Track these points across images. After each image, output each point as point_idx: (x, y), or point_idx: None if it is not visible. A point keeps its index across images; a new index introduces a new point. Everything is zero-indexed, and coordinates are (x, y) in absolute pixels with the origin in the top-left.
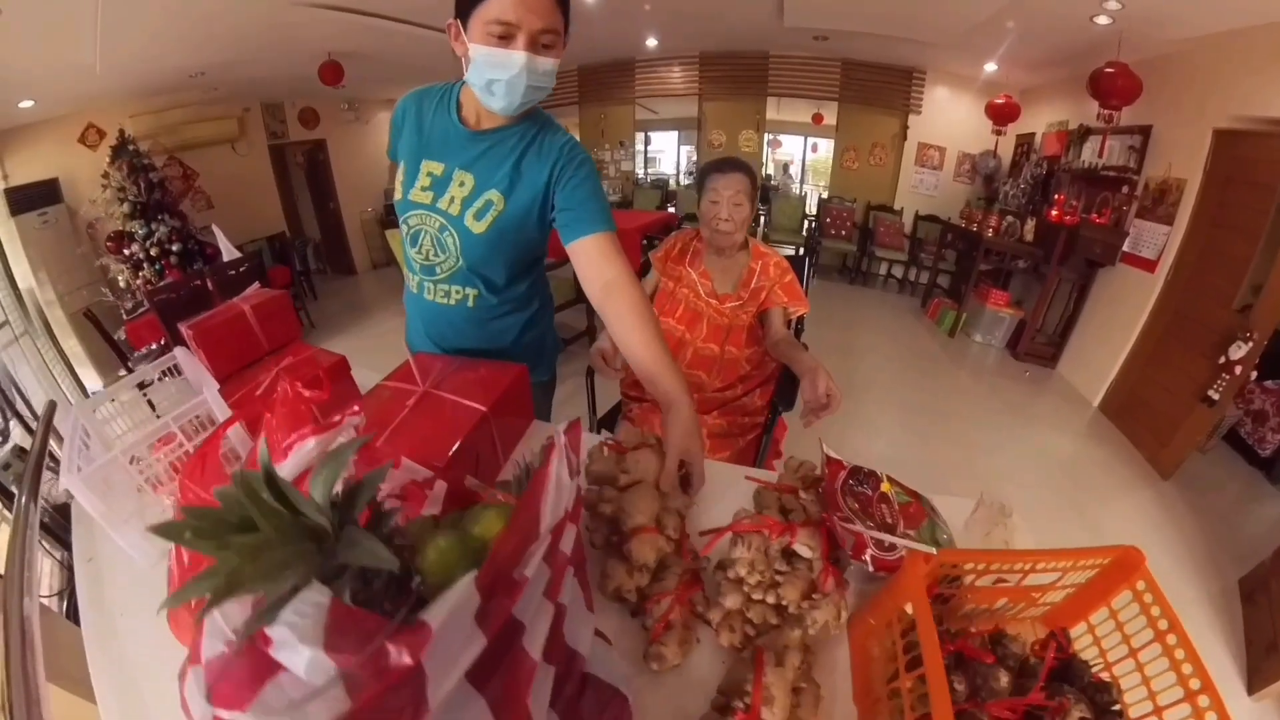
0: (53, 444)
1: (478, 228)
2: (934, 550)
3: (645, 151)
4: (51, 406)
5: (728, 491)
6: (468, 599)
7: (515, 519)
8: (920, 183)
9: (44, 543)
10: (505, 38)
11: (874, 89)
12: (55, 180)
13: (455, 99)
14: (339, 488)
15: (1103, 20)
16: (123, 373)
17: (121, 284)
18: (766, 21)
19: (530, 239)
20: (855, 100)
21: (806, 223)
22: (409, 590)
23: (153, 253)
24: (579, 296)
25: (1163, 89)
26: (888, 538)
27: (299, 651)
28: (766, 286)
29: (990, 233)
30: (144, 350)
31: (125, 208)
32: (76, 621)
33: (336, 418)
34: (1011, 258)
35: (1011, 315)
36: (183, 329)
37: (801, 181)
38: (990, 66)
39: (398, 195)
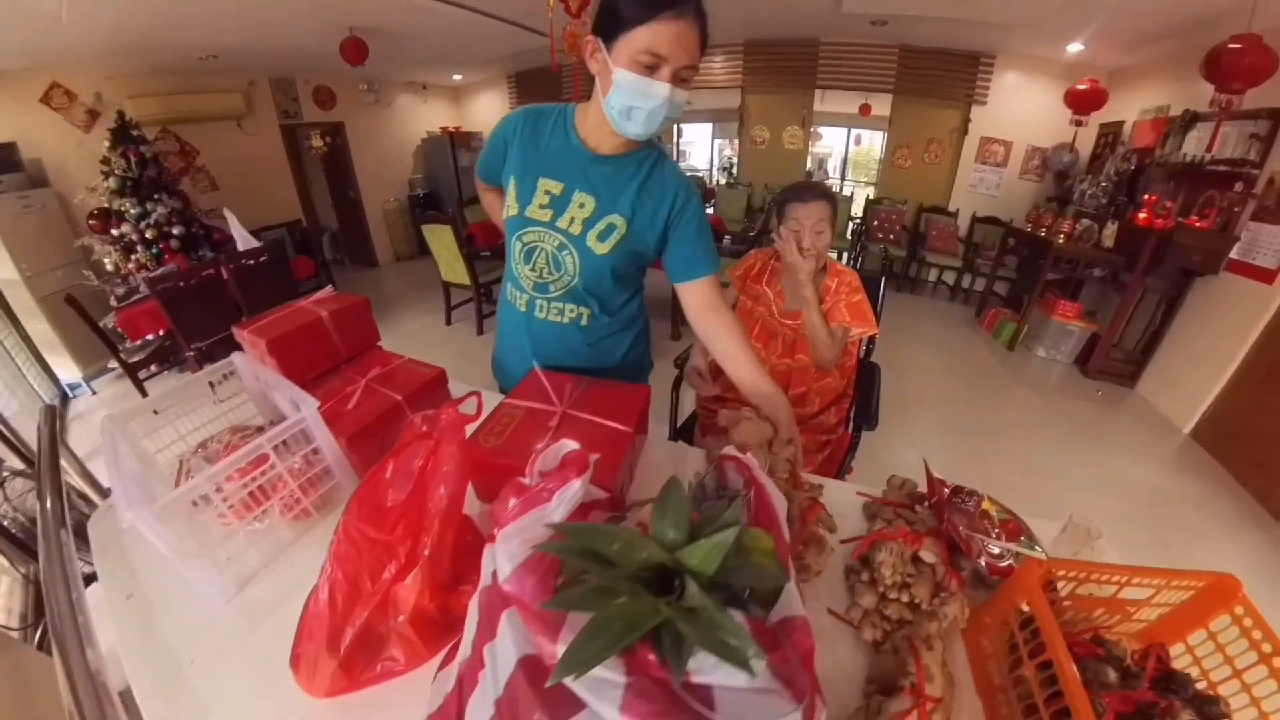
0: None
1: (601, 249)
2: (1044, 557)
3: (677, 144)
4: (52, 412)
5: (842, 506)
6: (794, 592)
7: (779, 534)
8: (980, 181)
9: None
10: (652, 68)
11: (934, 78)
12: (13, 145)
13: (572, 120)
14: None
15: None
16: (113, 364)
17: (109, 267)
18: (822, 6)
19: (645, 262)
20: (912, 91)
21: (851, 225)
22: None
23: (149, 235)
24: None
25: None
26: (1000, 545)
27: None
28: (832, 303)
29: (1062, 238)
30: (141, 341)
31: (112, 183)
32: (49, 653)
33: (575, 456)
34: (1086, 266)
35: (1082, 328)
36: (242, 333)
37: (842, 177)
38: (1075, 47)
39: (511, 211)
